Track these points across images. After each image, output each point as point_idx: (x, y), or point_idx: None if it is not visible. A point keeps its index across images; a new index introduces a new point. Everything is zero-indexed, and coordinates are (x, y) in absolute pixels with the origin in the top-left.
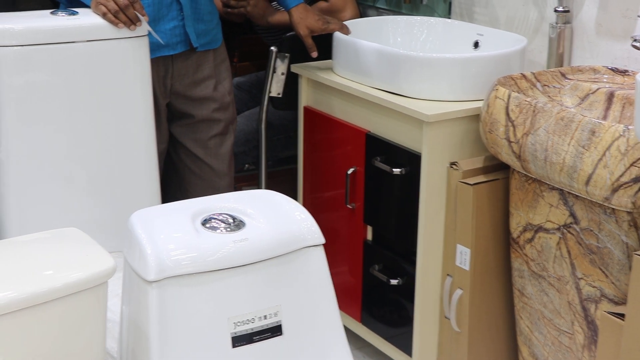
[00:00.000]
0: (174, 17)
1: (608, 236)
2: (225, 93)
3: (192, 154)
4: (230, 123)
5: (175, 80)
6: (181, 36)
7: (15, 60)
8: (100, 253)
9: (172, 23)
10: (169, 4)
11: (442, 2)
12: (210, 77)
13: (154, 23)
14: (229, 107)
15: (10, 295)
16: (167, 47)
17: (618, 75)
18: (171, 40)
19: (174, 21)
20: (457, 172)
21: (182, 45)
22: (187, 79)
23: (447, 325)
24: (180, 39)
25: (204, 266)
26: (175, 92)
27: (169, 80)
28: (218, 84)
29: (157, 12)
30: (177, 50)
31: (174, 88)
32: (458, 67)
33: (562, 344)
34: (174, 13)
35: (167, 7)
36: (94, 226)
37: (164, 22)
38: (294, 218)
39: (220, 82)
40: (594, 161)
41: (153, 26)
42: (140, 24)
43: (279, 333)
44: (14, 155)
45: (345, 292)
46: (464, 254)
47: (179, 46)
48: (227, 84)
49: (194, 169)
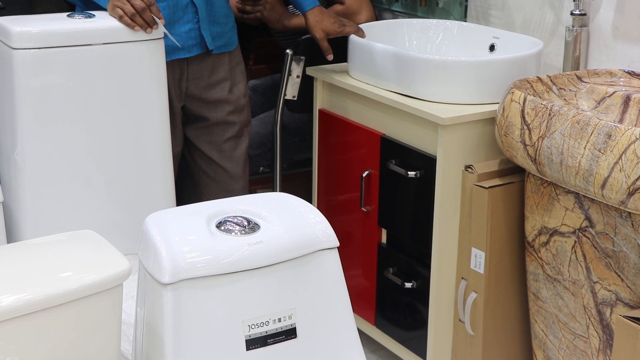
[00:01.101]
0: (190, 19)
1: (624, 240)
2: (240, 96)
3: (206, 157)
4: (245, 126)
5: (190, 83)
6: (197, 39)
7: (32, 63)
8: (115, 255)
9: (187, 26)
10: (184, 7)
11: (458, 5)
12: (226, 79)
13: (169, 26)
14: (243, 110)
15: (25, 297)
16: (183, 49)
17: (634, 78)
18: (187, 42)
19: (190, 24)
20: (472, 175)
21: (198, 48)
22: (202, 82)
23: (462, 328)
24: (195, 41)
25: (218, 269)
26: (191, 95)
27: (184, 82)
28: (233, 87)
29: (172, 14)
30: (192, 52)
31: (189, 90)
32: (474, 70)
33: (577, 348)
34: (189, 16)
35: (183, 10)
36: (109, 228)
37: (179, 24)
38: (308, 221)
39: (235, 84)
40: (610, 165)
41: (169, 29)
42: (156, 27)
43: (293, 336)
44: (30, 157)
45: (359, 295)
46: (479, 257)
47: (195, 49)
48: (242, 86)
49: (209, 171)
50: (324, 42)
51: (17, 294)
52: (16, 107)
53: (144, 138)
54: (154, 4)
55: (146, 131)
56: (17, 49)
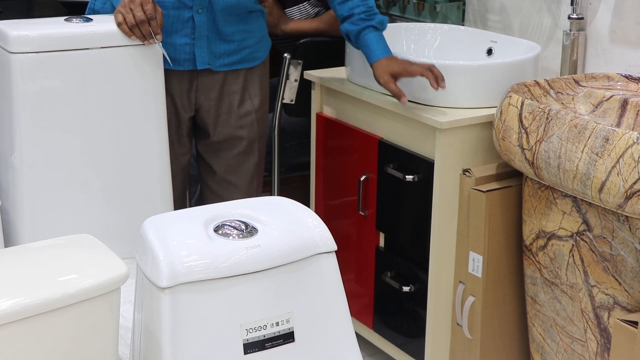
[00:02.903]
0: (187, 34)
1: (621, 244)
2: (252, 110)
3: (212, 171)
4: (256, 141)
5: (200, 94)
6: (189, 54)
7: (30, 67)
8: (113, 259)
9: (183, 39)
10: (184, 20)
11: (455, 9)
12: (235, 92)
13: (167, 35)
14: (253, 125)
15: (23, 301)
16: (175, 62)
17: (632, 82)
18: (179, 56)
19: (186, 38)
20: (470, 179)
21: (190, 64)
22: (212, 93)
23: (460, 332)
24: (188, 57)
25: (216, 273)
26: (200, 106)
27: (194, 93)
28: (245, 101)
29: (171, 25)
30: (184, 67)
31: (198, 102)
32: (471, 74)
33: (575, 352)
34: (187, 30)
35: (183, 23)
36: (106, 232)
37: (176, 36)
38: (306, 225)
39: (247, 99)
40: (608, 168)
41: (165, 38)
42: (153, 42)
43: (291, 340)
44: (27, 161)
45: (357, 299)
46: (477, 261)
47: (187, 64)
48: (257, 101)
49: (213, 186)
50: (389, 85)
51: (14, 298)
52: (14, 111)
53: (142, 142)
54: (156, 18)
55: (144, 135)
56: (15, 53)
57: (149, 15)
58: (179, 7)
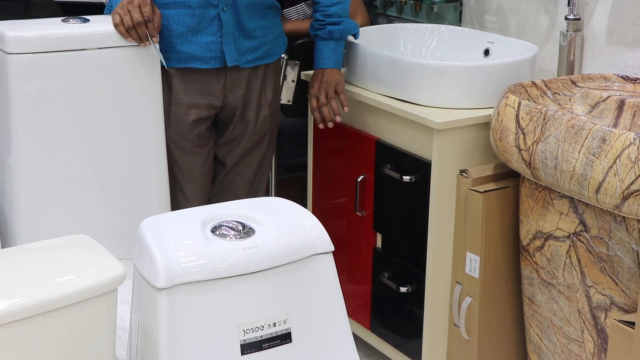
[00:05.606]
0: (213, 32)
1: (618, 244)
2: (266, 105)
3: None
4: (267, 135)
5: (228, 92)
6: (216, 52)
7: (27, 68)
8: (110, 260)
9: (209, 38)
10: (210, 19)
11: (452, 10)
12: (256, 89)
13: (192, 34)
14: (266, 120)
15: (20, 302)
16: (200, 60)
17: (629, 83)
18: (205, 54)
19: (212, 36)
20: (467, 180)
21: (216, 62)
22: (239, 91)
23: (457, 333)
24: (215, 54)
25: (213, 273)
26: (227, 104)
27: (222, 92)
28: (261, 96)
29: (197, 24)
30: (210, 65)
31: (227, 99)
32: (468, 75)
33: (572, 352)
34: (213, 28)
35: (209, 22)
36: (103, 233)
37: (202, 35)
38: (303, 225)
39: (263, 94)
40: (605, 169)
41: (191, 37)
42: (149, 44)
43: (288, 340)
44: (25, 162)
45: (354, 299)
46: (474, 262)
47: (213, 62)
48: (271, 96)
49: (219, 177)
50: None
51: (11, 299)
52: (11, 112)
53: (139, 143)
54: (153, 20)
55: (141, 136)
56: (11, 54)
57: (147, 18)
58: (205, 6)
